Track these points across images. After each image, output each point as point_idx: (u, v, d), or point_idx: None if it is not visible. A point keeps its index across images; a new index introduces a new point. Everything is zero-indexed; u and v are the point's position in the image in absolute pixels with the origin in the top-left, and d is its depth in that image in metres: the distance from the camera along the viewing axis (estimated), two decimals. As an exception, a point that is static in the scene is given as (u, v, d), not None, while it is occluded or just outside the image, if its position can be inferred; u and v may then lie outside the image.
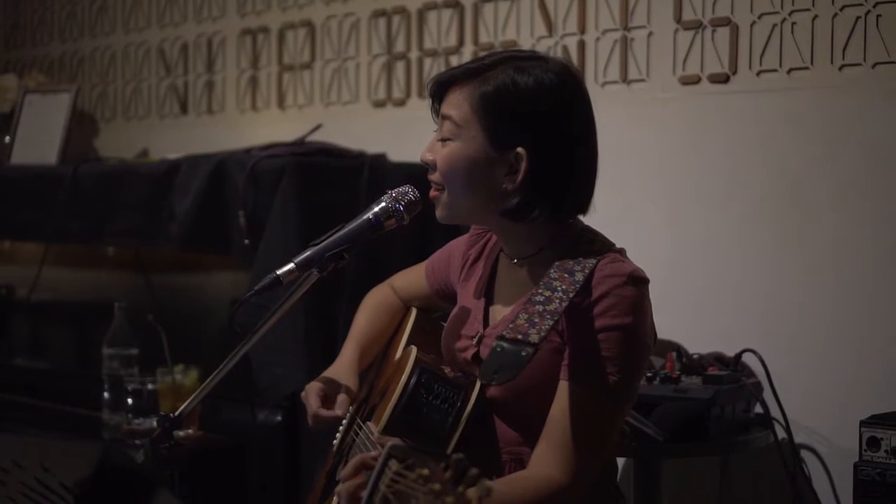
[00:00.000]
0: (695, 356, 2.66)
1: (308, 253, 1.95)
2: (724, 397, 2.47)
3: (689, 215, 2.82)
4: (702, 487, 2.80)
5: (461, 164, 1.88)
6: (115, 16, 4.13)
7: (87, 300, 3.61)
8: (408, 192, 1.99)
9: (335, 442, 2.14)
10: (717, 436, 2.46)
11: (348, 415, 2.11)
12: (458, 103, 1.88)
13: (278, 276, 1.93)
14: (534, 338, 1.78)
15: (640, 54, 2.88)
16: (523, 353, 1.77)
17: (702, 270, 2.80)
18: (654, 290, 1.86)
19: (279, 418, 2.83)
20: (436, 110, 1.96)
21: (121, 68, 4.12)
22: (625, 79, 2.90)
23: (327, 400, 2.06)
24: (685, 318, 2.77)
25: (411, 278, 2.29)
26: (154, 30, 4.00)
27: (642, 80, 2.88)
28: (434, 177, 1.93)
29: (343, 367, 2.15)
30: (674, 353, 2.62)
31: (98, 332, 3.09)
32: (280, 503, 2.82)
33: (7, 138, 3.96)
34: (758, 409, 2.58)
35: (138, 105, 4.06)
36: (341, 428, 2.13)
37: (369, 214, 1.98)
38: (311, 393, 2.06)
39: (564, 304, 1.80)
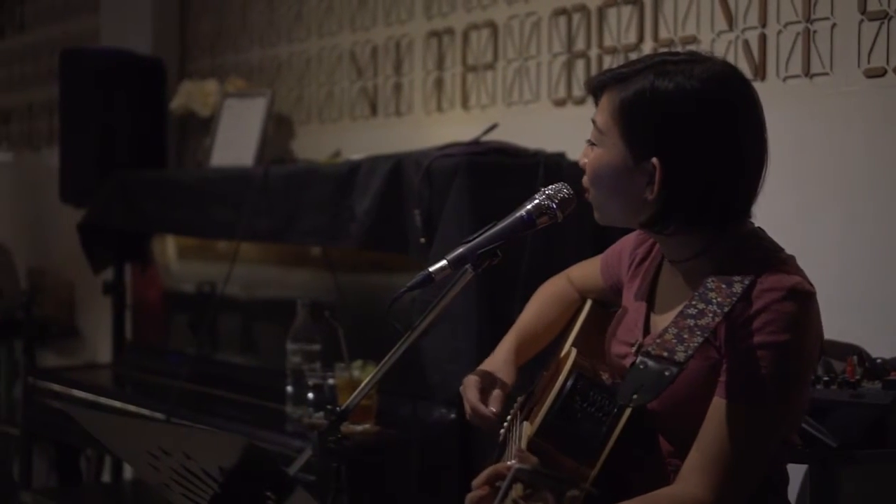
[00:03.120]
0: (878, 360, 2.55)
1: (460, 250, 1.97)
2: (905, 403, 2.35)
3: (873, 213, 2.70)
4: (891, 499, 2.68)
5: (603, 171, 1.87)
6: (310, 21, 4.24)
7: (286, 298, 3.72)
8: (562, 189, 1.99)
9: (501, 432, 2.15)
10: (899, 443, 2.35)
11: (513, 408, 2.11)
12: (602, 108, 1.87)
13: (430, 273, 1.96)
14: (680, 356, 1.73)
15: (823, 47, 2.77)
16: (666, 374, 1.72)
17: (886, 271, 2.68)
18: (835, 291, 1.80)
19: (453, 415, 2.85)
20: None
21: (315, 72, 4.23)
22: (807, 73, 2.80)
23: (484, 394, 2.04)
24: (869, 320, 2.65)
25: (588, 270, 2.26)
26: (346, 34, 4.10)
27: (825, 74, 2.77)
28: (584, 180, 1.93)
29: (499, 360, 2.14)
30: (854, 358, 2.51)
31: (287, 328, 3.18)
32: (452, 500, 2.85)
33: (208, 141, 4.13)
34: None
35: (331, 108, 4.17)
36: (506, 422, 2.14)
37: (522, 212, 2.00)
38: (470, 385, 2.06)
39: (717, 320, 1.75)
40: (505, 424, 2.12)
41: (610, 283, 2.17)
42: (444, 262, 1.96)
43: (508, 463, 1.76)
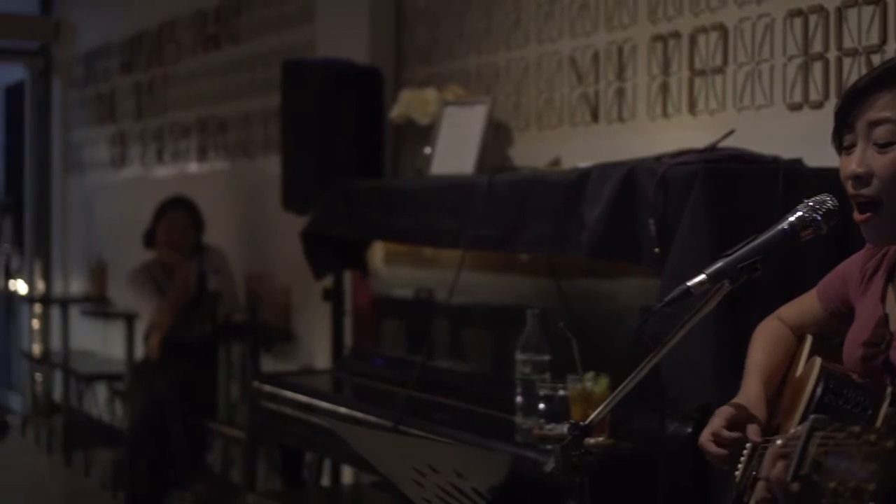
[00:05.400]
0: None
1: (720, 264, 1.95)
2: None
3: None
4: None
5: None
6: (529, 28, 4.23)
7: (502, 305, 3.71)
8: (826, 200, 1.95)
9: (737, 473, 2.10)
10: None
11: (749, 445, 2.07)
12: (890, 102, 1.83)
13: (689, 287, 1.93)
14: None
15: None
16: None
17: None
18: None
19: (689, 430, 2.78)
20: (846, 123, 1.90)
21: (534, 78, 4.21)
22: None
23: (735, 425, 2.04)
24: None
25: (801, 306, 2.25)
26: (566, 40, 4.06)
27: None
28: (867, 191, 1.86)
29: (752, 397, 2.12)
30: None
31: (512, 337, 3.17)
32: (690, 515, 2.79)
33: (428, 149, 4.15)
34: None
35: (550, 114, 4.14)
36: (742, 459, 2.08)
37: (784, 224, 1.96)
38: (720, 414, 2.06)
39: None
40: (739, 466, 2.07)
41: (832, 310, 2.16)
42: (703, 277, 1.94)
43: (786, 438, 1.73)
